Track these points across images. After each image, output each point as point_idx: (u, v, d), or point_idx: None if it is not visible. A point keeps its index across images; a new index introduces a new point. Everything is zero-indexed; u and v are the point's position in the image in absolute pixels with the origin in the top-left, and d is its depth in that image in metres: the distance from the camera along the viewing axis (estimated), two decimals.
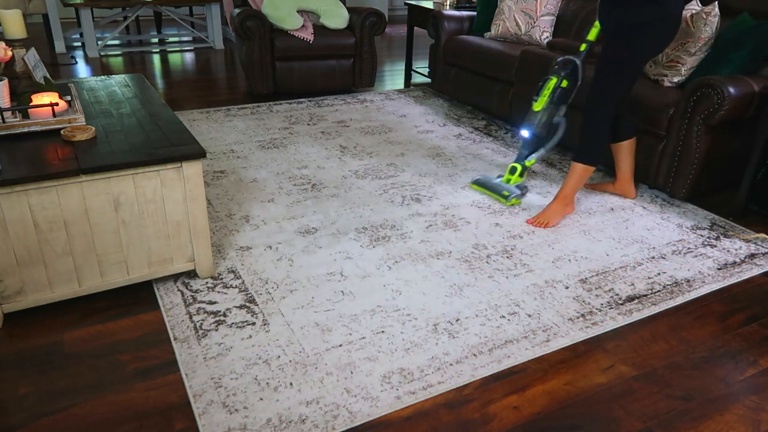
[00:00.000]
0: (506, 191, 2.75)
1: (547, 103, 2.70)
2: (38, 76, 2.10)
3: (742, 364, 1.80)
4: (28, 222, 1.72)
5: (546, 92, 2.70)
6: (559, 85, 2.67)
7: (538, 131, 2.75)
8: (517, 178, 2.81)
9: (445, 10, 4.37)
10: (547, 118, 2.73)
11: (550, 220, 2.55)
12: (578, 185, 2.57)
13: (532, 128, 2.75)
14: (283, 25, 4.14)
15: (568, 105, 2.78)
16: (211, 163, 3.11)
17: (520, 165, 2.80)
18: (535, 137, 2.77)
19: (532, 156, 2.81)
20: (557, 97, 2.70)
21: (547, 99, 2.70)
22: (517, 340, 1.84)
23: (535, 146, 2.81)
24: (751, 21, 2.76)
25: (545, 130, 2.76)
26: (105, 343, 1.78)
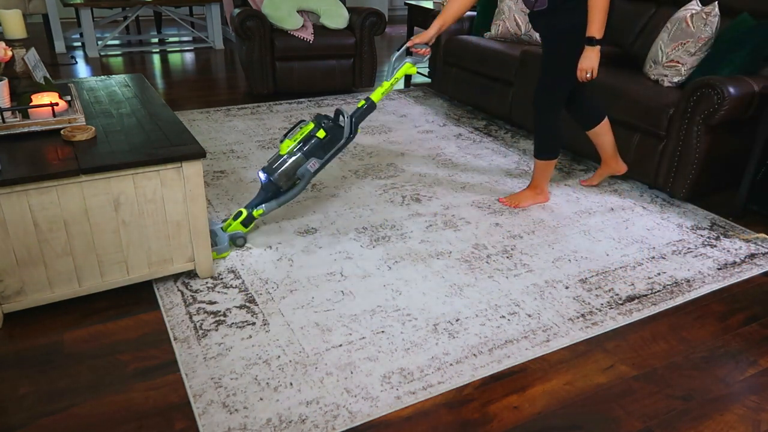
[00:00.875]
0: (217, 236, 2.29)
1: (295, 149, 2.30)
2: (38, 76, 2.10)
3: (742, 364, 1.80)
4: (28, 222, 1.72)
5: (298, 136, 2.33)
6: (314, 133, 2.31)
7: (276, 178, 2.29)
8: (237, 225, 2.31)
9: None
10: (292, 167, 2.29)
11: (520, 202, 2.75)
12: (545, 176, 2.74)
13: (270, 174, 2.31)
14: (283, 25, 4.14)
15: (322, 162, 2.35)
16: (211, 163, 3.11)
17: (246, 211, 2.31)
18: (272, 184, 2.32)
19: (262, 205, 2.33)
20: (309, 147, 2.30)
21: (296, 144, 2.31)
22: (517, 340, 1.84)
23: (269, 195, 2.35)
24: (751, 21, 2.76)
25: (285, 179, 2.31)
26: (105, 343, 1.78)
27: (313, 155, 2.32)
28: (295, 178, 2.33)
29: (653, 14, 3.39)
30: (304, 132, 2.33)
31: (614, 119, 2.96)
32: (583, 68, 2.38)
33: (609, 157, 2.86)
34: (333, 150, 2.35)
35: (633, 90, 2.88)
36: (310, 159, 2.32)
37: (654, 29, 3.31)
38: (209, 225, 2.24)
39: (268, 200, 2.36)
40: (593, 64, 2.36)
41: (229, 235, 2.31)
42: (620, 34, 3.50)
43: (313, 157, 2.32)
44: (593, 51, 2.34)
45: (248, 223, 2.33)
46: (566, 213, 2.69)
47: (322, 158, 2.34)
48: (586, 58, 2.37)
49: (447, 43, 4.20)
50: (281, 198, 2.36)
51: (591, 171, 3.17)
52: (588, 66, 2.37)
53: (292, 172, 2.31)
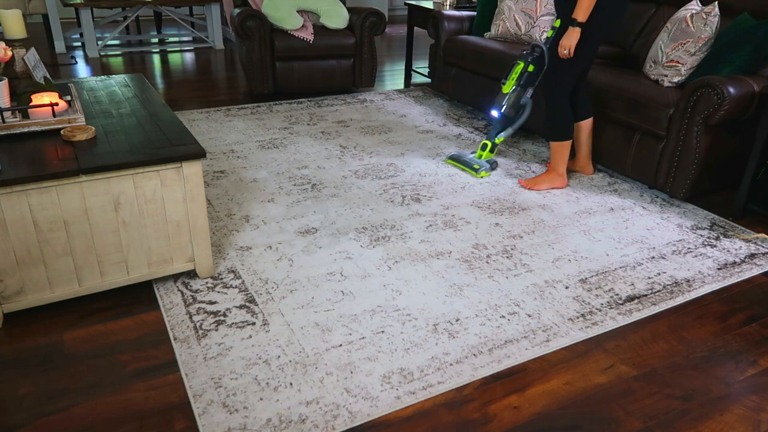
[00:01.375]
0: (477, 165, 3.03)
1: (515, 86, 2.90)
2: (38, 76, 2.10)
3: (742, 364, 1.80)
4: (28, 222, 1.72)
5: (514, 76, 2.89)
6: (526, 69, 2.86)
7: (507, 111, 2.94)
8: (487, 153, 3.06)
9: (445, 10, 4.37)
10: (515, 100, 2.93)
11: (537, 185, 2.91)
12: (563, 159, 2.89)
13: (500, 109, 2.95)
14: (283, 25, 4.14)
15: (534, 87, 2.94)
16: (211, 163, 3.11)
17: (491, 142, 3.03)
18: (504, 117, 2.96)
19: (501, 134, 3.02)
20: (524, 81, 2.89)
21: (514, 82, 2.89)
22: (517, 340, 1.84)
23: (504, 125, 3.02)
24: (751, 21, 2.76)
25: (513, 110, 2.95)
26: (105, 343, 1.78)
27: (529, 85, 2.92)
28: (520, 106, 2.97)
29: (653, 14, 3.39)
30: (517, 71, 2.89)
31: (614, 119, 2.96)
32: (563, 45, 2.62)
33: (583, 156, 3.07)
34: (540, 75, 2.88)
35: (633, 90, 2.88)
36: (528, 88, 2.93)
37: (654, 29, 3.31)
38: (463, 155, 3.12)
39: (505, 128, 3.02)
40: (572, 43, 2.59)
41: (486, 160, 3.04)
42: (620, 34, 3.50)
43: (529, 87, 2.92)
44: (575, 31, 2.57)
45: (494, 149, 3.08)
46: (566, 213, 2.69)
47: (534, 84, 2.93)
48: (567, 37, 2.59)
49: (447, 43, 4.20)
50: (515, 123, 3.01)
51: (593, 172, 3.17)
52: (567, 44, 2.60)
53: (517, 103, 2.96)
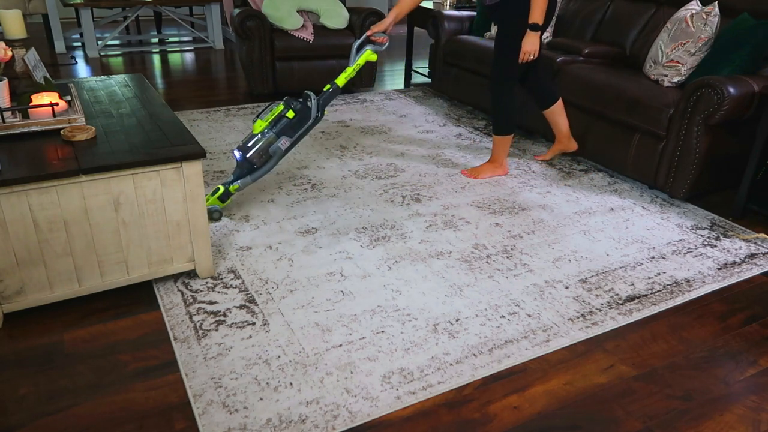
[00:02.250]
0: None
1: (267, 129, 2.50)
2: (38, 76, 2.10)
3: (742, 364, 1.80)
4: (28, 222, 1.72)
5: (269, 117, 2.52)
6: (284, 114, 2.52)
7: (251, 156, 2.49)
8: (215, 200, 2.51)
9: (445, 10, 4.37)
10: (264, 146, 2.49)
11: (479, 174, 3.03)
12: (503, 151, 3.02)
13: (244, 152, 2.50)
14: (283, 25, 4.14)
15: (292, 141, 2.54)
16: (211, 163, 3.11)
17: (223, 187, 2.51)
18: (246, 162, 2.51)
19: (238, 181, 2.52)
20: (280, 127, 2.51)
21: (267, 124, 2.51)
22: (517, 340, 1.84)
23: (244, 171, 2.54)
24: (751, 21, 2.76)
25: (258, 157, 2.50)
26: (105, 343, 1.78)
27: (284, 134, 2.53)
28: (267, 155, 2.53)
29: (653, 14, 3.39)
30: (274, 113, 2.53)
31: (614, 119, 2.96)
32: (525, 50, 2.70)
33: (562, 135, 3.15)
34: (302, 129, 2.56)
35: (633, 90, 2.88)
36: (281, 137, 2.52)
37: (654, 29, 3.31)
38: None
39: (243, 176, 2.54)
40: (535, 47, 2.69)
41: (212, 207, 2.51)
42: (620, 34, 3.50)
43: (283, 136, 2.53)
44: (535, 36, 2.67)
45: (225, 198, 2.54)
46: (566, 213, 2.69)
47: (292, 137, 2.55)
48: (528, 42, 2.69)
49: (447, 43, 4.20)
50: (255, 174, 2.55)
51: (591, 171, 3.17)
52: (530, 48, 2.70)
53: (265, 150, 2.51)
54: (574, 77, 3.19)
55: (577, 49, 3.40)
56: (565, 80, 3.24)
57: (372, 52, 2.72)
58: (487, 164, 3.07)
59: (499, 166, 3.06)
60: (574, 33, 3.76)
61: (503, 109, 2.91)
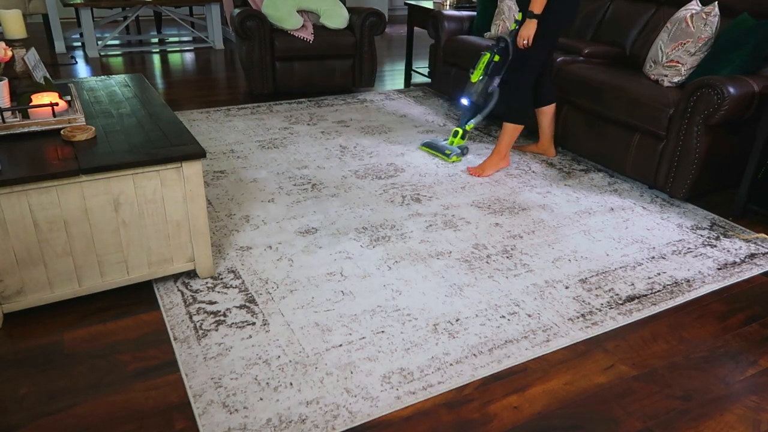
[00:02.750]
0: (448, 150, 3.23)
1: (482, 75, 3.08)
2: (38, 76, 2.10)
3: (742, 364, 1.80)
4: (28, 222, 1.72)
5: (481, 66, 3.07)
6: (492, 59, 3.06)
7: (476, 99, 3.11)
8: (458, 140, 3.24)
9: (445, 10, 4.37)
10: (483, 88, 3.10)
11: (485, 170, 3.08)
12: (510, 142, 3.07)
13: (470, 97, 3.12)
14: (283, 25, 4.14)
15: (500, 77, 3.12)
16: (211, 163, 3.11)
17: (462, 129, 3.21)
18: (473, 105, 3.14)
19: (471, 121, 3.22)
20: (491, 70, 3.08)
21: (481, 72, 3.07)
22: (517, 340, 1.84)
23: (473, 113, 3.21)
24: (751, 21, 2.76)
25: (482, 98, 3.12)
26: (105, 343, 1.78)
27: (495, 74, 3.10)
28: (488, 94, 3.14)
29: (653, 14, 3.39)
30: (484, 61, 3.08)
31: (614, 119, 2.96)
32: (521, 35, 2.82)
33: (545, 139, 3.32)
34: (506, 66, 3.08)
35: (633, 90, 2.88)
36: (494, 77, 3.11)
37: (654, 29, 3.31)
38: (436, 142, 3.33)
39: (474, 116, 3.22)
40: (530, 33, 2.80)
41: (458, 146, 3.24)
42: (620, 34, 3.50)
43: (495, 76, 3.10)
44: (532, 23, 2.78)
45: (465, 136, 3.27)
46: (566, 213, 2.69)
47: (500, 74, 3.11)
48: (525, 28, 2.80)
49: (447, 43, 4.20)
50: (483, 111, 3.20)
51: (591, 171, 3.17)
52: (525, 34, 2.81)
53: (485, 91, 3.12)
54: (574, 77, 3.19)
55: (577, 49, 3.40)
56: (566, 80, 3.24)
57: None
58: (492, 157, 3.12)
59: (503, 158, 3.11)
60: (574, 33, 3.76)
61: (520, 98, 2.99)
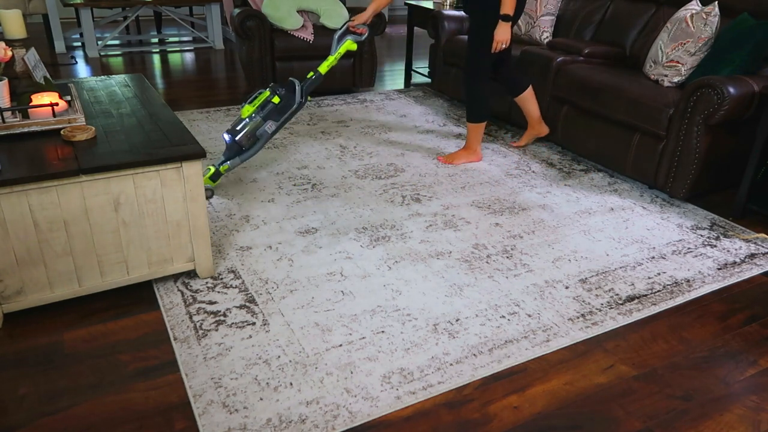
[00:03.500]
0: None
1: (254, 113, 2.69)
2: (38, 76, 2.10)
3: (742, 364, 1.80)
4: (28, 222, 1.72)
5: (256, 102, 2.70)
6: (270, 99, 2.71)
7: (239, 138, 2.67)
8: (207, 179, 2.69)
9: (445, 10, 4.37)
10: (251, 129, 2.68)
11: (454, 160, 3.17)
12: (477, 138, 3.16)
13: (233, 135, 2.68)
14: (283, 25, 4.14)
15: (278, 124, 2.75)
16: (211, 163, 3.11)
17: (214, 167, 2.71)
18: (235, 144, 2.68)
19: (227, 162, 2.72)
20: (266, 111, 2.70)
21: (255, 108, 2.69)
22: (517, 340, 1.84)
23: (233, 153, 2.72)
24: (751, 21, 2.76)
25: (246, 139, 2.68)
26: (105, 343, 1.78)
27: (270, 118, 2.72)
28: (255, 137, 2.72)
29: (653, 14, 3.39)
30: (261, 99, 2.72)
31: (614, 119, 2.96)
32: (498, 40, 2.84)
33: (534, 121, 3.35)
34: (286, 114, 2.77)
35: (633, 90, 2.88)
36: (267, 121, 2.72)
37: (654, 29, 3.31)
38: None
39: (233, 157, 2.73)
40: (506, 36, 2.83)
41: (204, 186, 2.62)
42: (620, 34, 3.50)
43: (269, 120, 2.72)
44: (506, 26, 2.81)
45: (216, 178, 2.72)
46: (566, 213, 2.69)
47: (278, 120, 2.76)
48: (500, 32, 2.84)
49: (447, 43, 4.20)
50: (243, 155, 2.74)
51: (591, 171, 3.17)
52: (502, 38, 2.84)
53: (253, 133, 2.70)
54: (574, 77, 3.19)
55: (577, 49, 3.40)
56: (566, 80, 3.24)
57: (352, 41, 2.91)
58: (462, 151, 3.21)
59: (473, 152, 3.20)
60: (574, 33, 3.76)
61: (477, 97, 3.06)
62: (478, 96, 3.06)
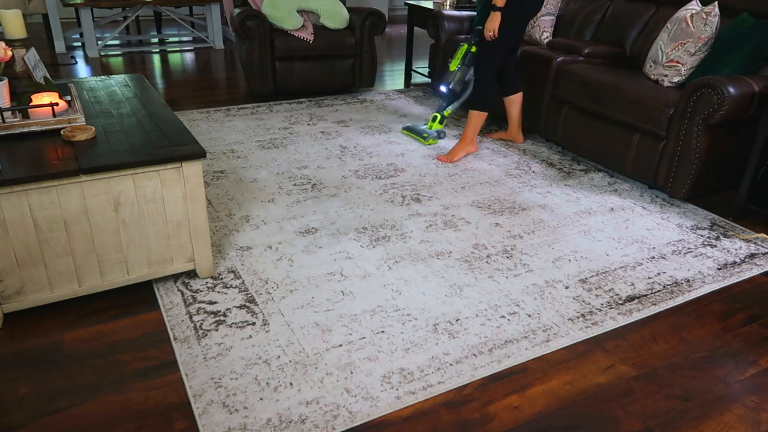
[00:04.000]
0: (426, 134, 3.47)
1: (459, 65, 3.31)
2: (38, 76, 2.10)
3: (742, 364, 1.80)
4: (28, 222, 1.72)
5: (458, 56, 3.31)
6: (469, 50, 3.29)
7: (454, 87, 3.32)
8: (436, 125, 3.47)
9: (445, 10, 4.37)
10: (461, 76, 3.32)
11: (453, 156, 3.26)
12: (476, 128, 3.28)
13: (448, 85, 3.33)
14: (283, 25, 4.14)
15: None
16: (211, 163, 3.11)
17: (440, 114, 3.44)
18: (451, 92, 3.36)
19: (449, 107, 3.43)
20: (468, 60, 3.30)
21: (459, 61, 3.30)
22: (517, 340, 1.84)
23: (451, 99, 3.42)
24: (751, 21, 2.76)
25: (459, 86, 3.33)
26: (105, 343, 1.78)
27: (472, 64, 3.30)
28: (465, 83, 3.36)
29: (653, 14, 3.39)
30: (461, 52, 3.32)
31: (614, 119, 2.96)
32: (486, 28, 3.05)
33: (514, 126, 3.54)
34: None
35: (633, 90, 2.88)
36: (471, 68, 3.33)
37: (654, 29, 3.31)
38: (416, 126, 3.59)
39: (452, 103, 3.46)
40: (495, 26, 3.02)
41: (436, 131, 3.49)
42: (620, 34, 3.50)
43: (472, 66, 3.30)
44: (495, 16, 3.00)
45: (443, 121, 3.50)
46: (566, 213, 2.69)
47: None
48: (490, 21, 3.02)
49: (447, 43, 4.19)
50: (461, 98, 3.43)
51: (591, 171, 3.17)
52: (491, 27, 3.03)
53: (463, 80, 3.35)
54: (574, 77, 3.19)
55: (577, 49, 3.40)
56: (566, 80, 3.24)
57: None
58: (459, 144, 3.31)
59: (470, 143, 3.31)
60: (574, 33, 3.76)
61: (485, 87, 3.22)
62: (486, 86, 3.21)
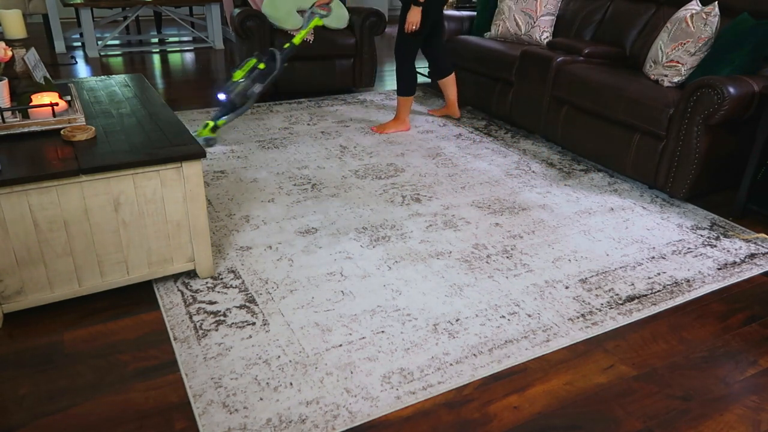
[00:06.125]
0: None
1: (244, 77, 3.29)
2: (38, 76, 2.10)
3: (742, 364, 1.80)
4: (28, 222, 1.72)
5: (245, 67, 3.31)
6: (256, 66, 3.31)
7: (233, 98, 3.27)
8: (207, 132, 3.32)
9: (445, 10, 4.37)
10: (242, 89, 3.28)
11: (384, 130, 3.63)
12: (405, 110, 3.63)
13: (228, 94, 3.28)
14: (283, 25, 4.14)
15: (263, 86, 3.35)
16: (211, 163, 3.11)
17: (212, 122, 3.32)
18: (230, 102, 3.29)
19: (223, 117, 3.33)
20: (254, 76, 3.31)
21: (244, 73, 3.30)
22: (517, 340, 1.84)
23: (228, 110, 3.34)
24: (751, 21, 2.76)
25: (238, 98, 3.29)
26: (105, 343, 1.78)
27: (257, 81, 3.33)
28: (245, 97, 3.31)
29: (653, 14, 3.39)
30: (249, 65, 3.31)
31: (614, 119, 2.97)
32: (408, 21, 3.27)
33: (451, 103, 3.87)
34: (269, 78, 3.37)
35: (633, 90, 2.88)
36: (255, 83, 3.32)
37: (654, 29, 3.31)
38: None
39: (227, 114, 3.33)
40: (416, 19, 3.26)
41: (203, 138, 3.30)
42: (620, 34, 3.50)
43: (257, 82, 3.33)
44: (416, 9, 3.25)
45: (214, 130, 3.33)
46: (566, 213, 2.69)
47: (263, 83, 3.35)
48: (410, 14, 3.27)
49: (447, 43, 4.19)
50: (237, 111, 3.34)
51: (591, 171, 3.17)
52: (411, 20, 3.27)
53: (243, 93, 3.30)
54: (574, 77, 3.19)
55: (577, 49, 3.40)
56: (565, 80, 3.24)
57: (319, 18, 3.57)
58: (392, 121, 3.65)
59: (402, 123, 3.65)
60: (574, 33, 3.76)
61: (405, 74, 3.50)
62: (405, 73, 3.50)
